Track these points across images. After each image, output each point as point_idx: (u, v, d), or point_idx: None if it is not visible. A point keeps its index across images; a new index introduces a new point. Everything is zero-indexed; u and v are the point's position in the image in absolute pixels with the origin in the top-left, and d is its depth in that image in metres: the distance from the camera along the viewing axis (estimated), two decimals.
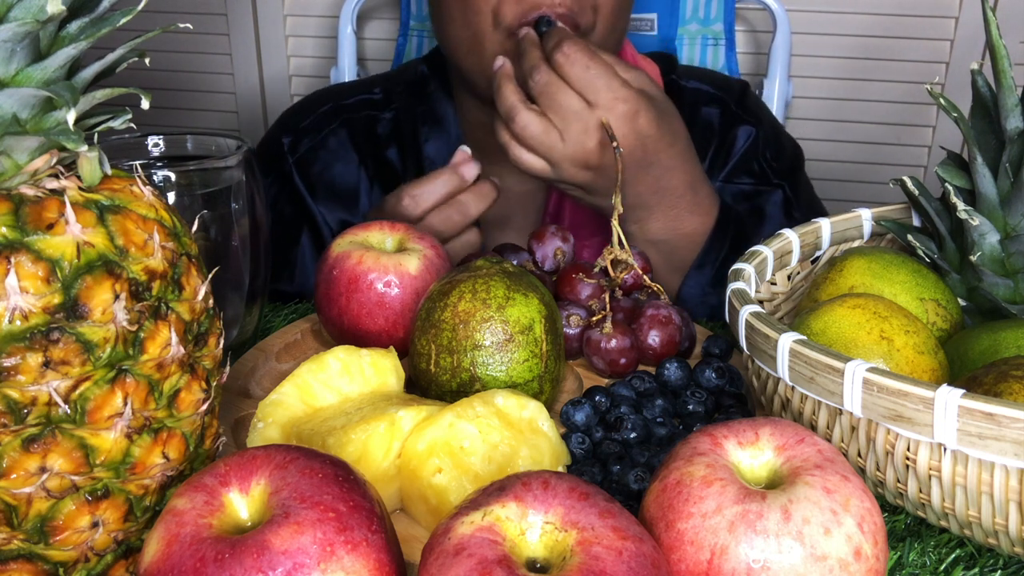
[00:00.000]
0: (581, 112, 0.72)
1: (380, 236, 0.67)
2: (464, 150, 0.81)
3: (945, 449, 0.44)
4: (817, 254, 0.68)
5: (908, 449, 0.45)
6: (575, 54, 0.73)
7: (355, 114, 0.99)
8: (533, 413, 0.51)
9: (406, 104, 0.99)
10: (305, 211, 0.96)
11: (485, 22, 0.82)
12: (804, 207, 0.96)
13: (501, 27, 0.82)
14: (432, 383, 0.56)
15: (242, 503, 0.36)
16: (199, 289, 0.42)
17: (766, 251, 0.63)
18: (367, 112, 0.99)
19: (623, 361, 0.63)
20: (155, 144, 0.67)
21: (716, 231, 0.81)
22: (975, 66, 0.59)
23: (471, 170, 0.80)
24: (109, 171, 0.40)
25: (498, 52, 0.82)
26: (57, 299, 0.36)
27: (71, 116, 0.36)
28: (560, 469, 0.51)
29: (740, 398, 0.59)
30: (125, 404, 0.38)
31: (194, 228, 0.44)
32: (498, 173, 0.96)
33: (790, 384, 0.50)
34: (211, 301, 0.44)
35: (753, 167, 0.97)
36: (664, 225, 0.80)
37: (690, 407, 0.58)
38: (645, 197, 0.78)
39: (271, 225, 0.96)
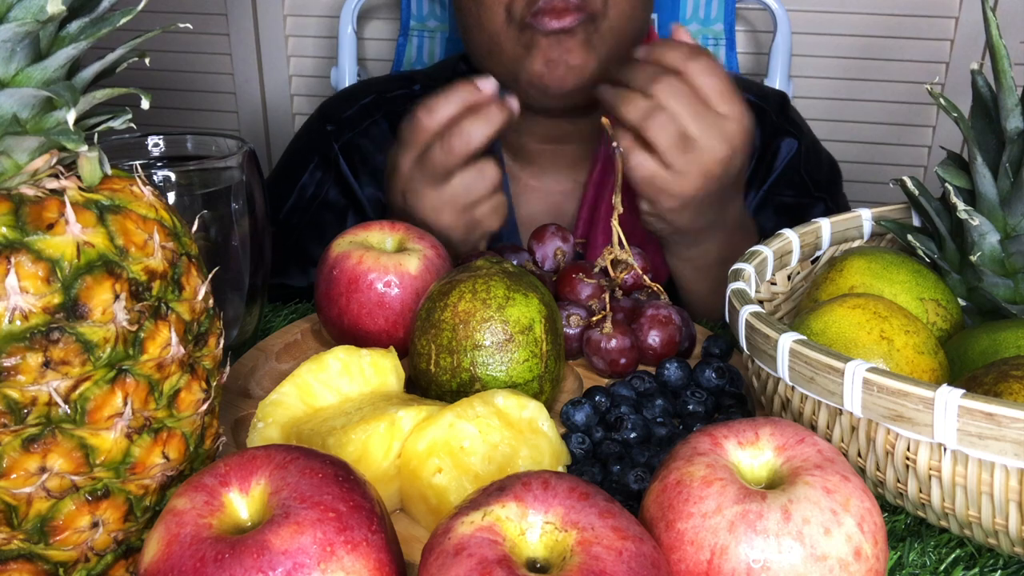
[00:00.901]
0: (707, 113, 0.71)
1: (380, 236, 0.67)
2: (488, 78, 0.77)
3: (945, 449, 0.44)
4: (817, 254, 0.68)
5: (908, 449, 0.45)
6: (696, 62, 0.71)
7: (397, 107, 1.00)
8: (533, 413, 0.51)
9: None
10: (351, 195, 0.98)
11: (499, 20, 0.82)
12: None
13: (514, 22, 0.82)
14: (432, 383, 0.56)
15: (242, 503, 0.36)
16: (199, 289, 0.42)
17: (766, 251, 0.63)
18: (408, 106, 1.00)
19: (623, 361, 0.63)
20: (155, 144, 0.67)
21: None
22: (975, 66, 0.59)
23: (488, 84, 0.76)
24: (109, 171, 0.40)
25: (515, 48, 0.82)
26: (57, 299, 0.36)
27: (71, 116, 0.36)
28: (560, 469, 0.51)
29: (740, 398, 0.59)
30: (125, 404, 0.38)
31: (194, 228, 0.44)
32: (534, 174, 0.96)
33: (790, 384, 0.50)
34: (211, 301, 0.44)
35: (795, 180, 0.97)
36: (721, 250, 0.81)
37: (690, 407, 0.58)
38: (716, 221, 0.78)
39: (317, 210, 0.96)
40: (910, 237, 0.63)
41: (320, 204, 0.97)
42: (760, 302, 0.64)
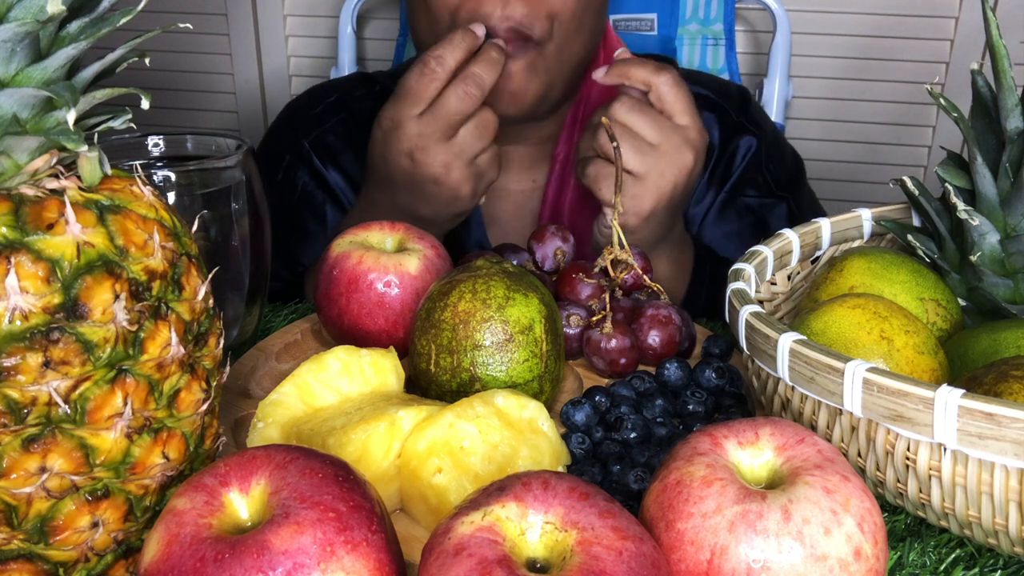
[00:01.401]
0: (669, 126, 0.73)
1: (380, 236, 0.67)
2: (479, 24, 0.78)
3: (945, 449, 0.44)
4: (817, 254, 0.68)
5: (908, 449, 0.45)
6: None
7: (360, 105, 1.00)
8: (533, 413, 0.51)
9: None
10: (327, 187, 0.98)
11: (444, 29, 0.82)
12: (810, 218, 0.96)
13: None
14: (432, 383, 0.56)
15: (242, 503, 0.36)
16: (199, 289, 0.42)
17: (766, 251, 0.63)
18: (371, 104, 1.00)
19: (623, 361, 0.63)
20: (155, 144, 0.67)
21: (696, 272, 0.85)
22: (975, 66, 0.59)
23: (479, 27, 0.77)
24: (109, 171, 0.40)
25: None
26: (57, 299, 0.36)
27: (71, 116, 0.36)
28: (560, 469, 0.51)
29: (740, 398, 0.59)
30: (125, 404, 0.38)
31: (194, 228, 0.44)
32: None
33: (790, 384, 0.50)
34: (211, 301, 0.44)
35: (757, 179, 0.97)
36: (670, 264, 0.83)
37: (690, 407, 0.58)
38: (667, 236, 0.79)
39: (296, 206, 0.96)
40: (910, 237, 0.63)
41: (299, 200, 0.98)
42: (760, 302, 0.64)
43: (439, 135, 0.74)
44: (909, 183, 0.62)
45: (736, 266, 0.60)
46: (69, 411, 0.37)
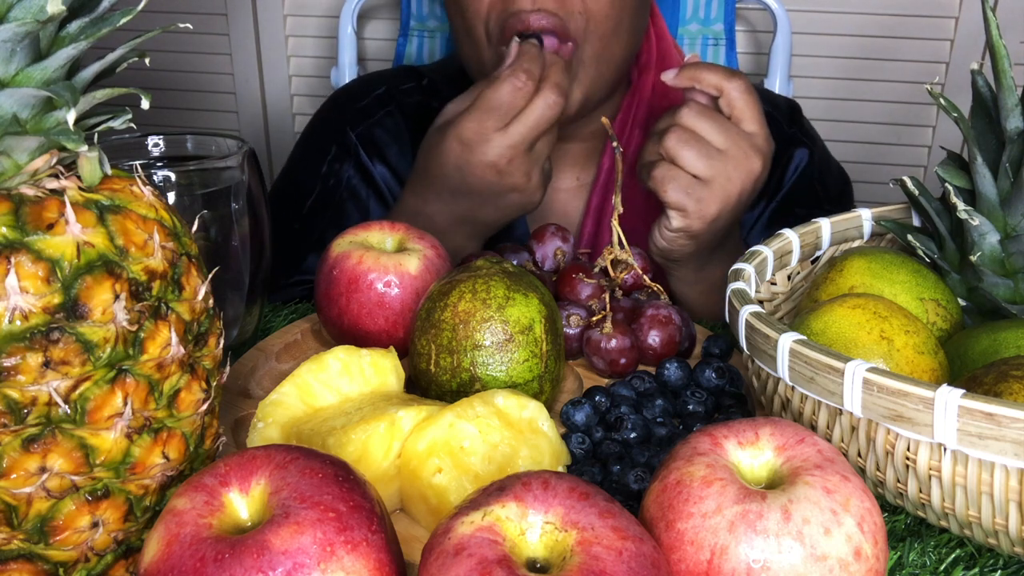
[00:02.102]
0: (732, 133, 0.73)
1: (380, 236, 0.67)
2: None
3: (945, 449, 0.44)
4: (817, 254, 0.68)
5: (908, 449, 0.45)
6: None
7: (408, 98, 1.00)
8: (533, 413, 0.51)
9: (452, 95, 0.99)
10: (372, 182, 0.98)
11: (481, 41, 0.82)
12: None
13: (492, 43, 0.82)
14: (432, 383, 0.56)
15: (242, 503, 0.36)
16: (199, 289, 0.42)
17: (766, 251, 0.63)
18: (418, 98, 1.00)
19: (623, 361, 0.63)
20: (155, 144, 0.67)
21: None
22: (975, 66, 0.59)
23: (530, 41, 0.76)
24: (109, 171, 0.40)
25: (495, 69, 0.82)
26: (57, 299, 0.36)
27: (71, 116, 0.36)
28: (560, 469, 0.51)
29: (740, 398, 0.59)
30: (125, 404, 0.38)
31: (194, 228, 0.44)
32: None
33: (790, 384, 0.50)
34: (211, 301, 0.44)
35: (807, 192, 0.96)
36: (726, 271, 0.82)
37: (690, 407, 0.58)
38: (725, 243, 0.79)
39: (341, 200, 0.96)
40: (910, 237, 0.63)
41: (343, 194, 0.97)
42: (760, 302, 0.64)
43: (526, 145, 0.74)
44: (909, 183, 0.62)
45: (736, 266, 0.60)
46: (69, 411, 0.37)
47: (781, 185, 0.97)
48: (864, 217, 0.68)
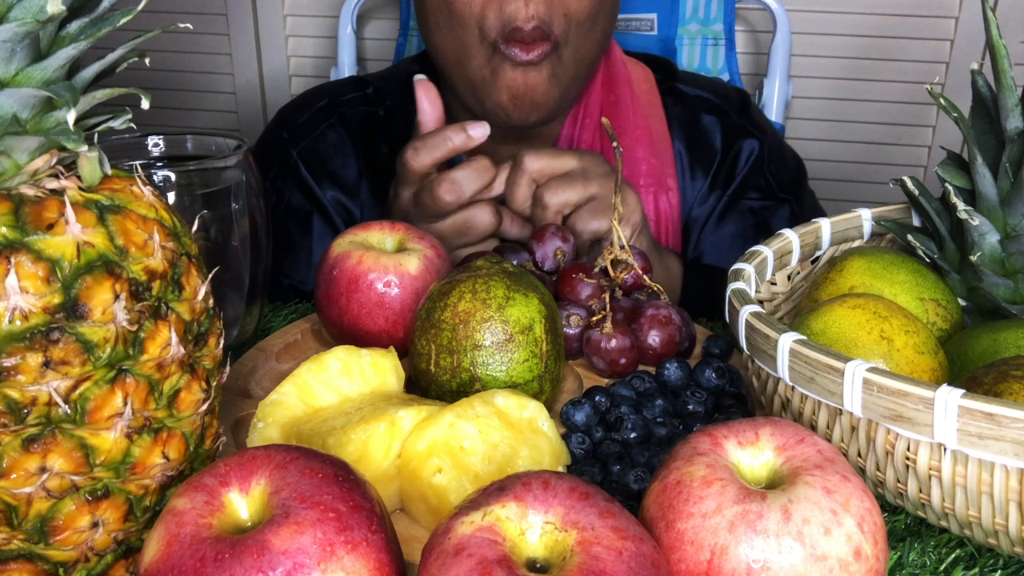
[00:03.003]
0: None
1: (380, 236, 0.67)
2: (481, 124, 0.78)
3: (945, 449, 0.44)
4: (817, 254, 0.68)
5: (908, 449, 0.45)
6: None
7: (351, 109, 1.00)
8: (533, 413, 0.51)
9: (399, 102, 0.99)
10: (314, 200, 0.97)
11: (471, 34, 0.82)
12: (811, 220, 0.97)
13: (486, 42, 0.81)
14: (432, 383, 0.56)
15: (242, 503, 0.36)
16: (199, 289, 0.42)
17: (766, 251, 0.63)
18: (363, 107, 1.00)
19: (623, 361, 0.63)
20: (155, 144, 0.67)
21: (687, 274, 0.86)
22: (975, 66, 0.59)
23: (478, 130, 0.76)
24: (109, 171, 0.40)
25: (484, 64, 0.83)
26: (57, 299, 0.36)
27: (71, 116, 0.36)
28: (560, 469, 0.51)
29: (740, 398, 0.59)
30: (125, 404, 0.38)
31: (194, 228, 0.44)
32: None
33: (790, 384, 0.50)
34: (211, 301, 0.44)
35: (759, 182, 0.97)
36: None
37: (690, 407, 0.58)
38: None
39: (282, 218, 0.96)
40: (910, 237, 0.63)
41: (284, 211, 0.97)
42: (760, 302, 0.64)
43: (424, 217, 0.77)
44: (909, 183, 0.62)
45: (736, 266, 0.60)
46: (69, 411, 0.37)
47: (733, 177, 0.97)
48: (864, 217, 0.68)
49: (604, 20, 0.85)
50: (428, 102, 0.78)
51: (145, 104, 0.39)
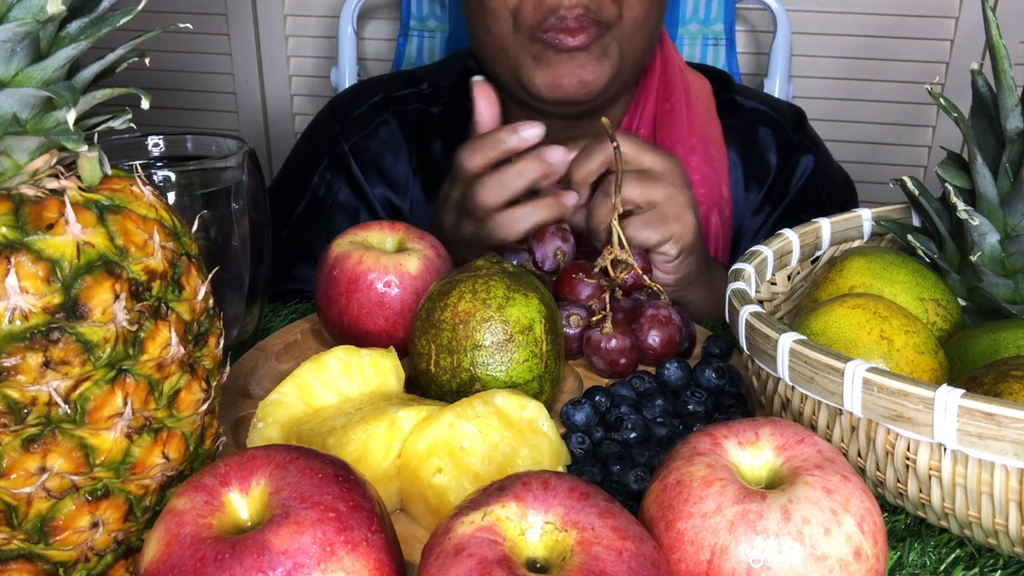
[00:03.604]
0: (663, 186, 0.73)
1: (380, 236, 0.67)
2: (534, 124, 0.76)
3: (945, 449, 0.44)
4: (817, 254, 0.68)
5: (908, 449, 0.45)
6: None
7: (405, 106, 0.99)
8: (533, 413, 0.51)
9: (454, 99, 0.99)
10: (363, 196, 0.98)
11: (506, 26, 0.82)
12: None
13: (522, 29, 0.81)
14: (432, 383, 0.56)
15: (242, 503, 0.36)
16: (199, 289, 0.42)
17: (766, 251, 0.63)
18: (417, 105, 1.00)
19: (623, 361, 0.63)
20: (155, 144, 0.67)
21: None
22: (975, 66, 0.59)
23: (531, 131, 0.75)
24: (109, 171, 0.40)
25: (522, 57, 0.82)
26: (57, 299, 0.36)
27: (71, 116, 0.36)
28: (560, 469, 0.51)
29: (740, 398, 0.59)
30: (125, 404, 0.38)
31: (194, 228, 0.44)
32: None
33: (790, 384, 0.50)
34: (211, 301, 0.44)
35: (813, 197, 0.97)
36: (705, 298, 0.82)
37: (690, 407, 0.58)
38: (700, 277, 0.79)
39: (329, 212, 0.96)
40: (910, 237, 0.63)
41: (332, 205, 0.97)
42: (760, 302, 0.64)
43: (469, 217, 0.77)
44: (909, 183, 0.62)
45: (736, 266, 0.60)
46: (69, 411, 0.37)
47: (787, 192, 0.97)
48: (864, 217, 0.68)
49: (656, 13, 0.86)
50: (485, 103, 0.78)
51: (145, 104, 0.39)
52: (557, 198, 0.75)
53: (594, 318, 0.65)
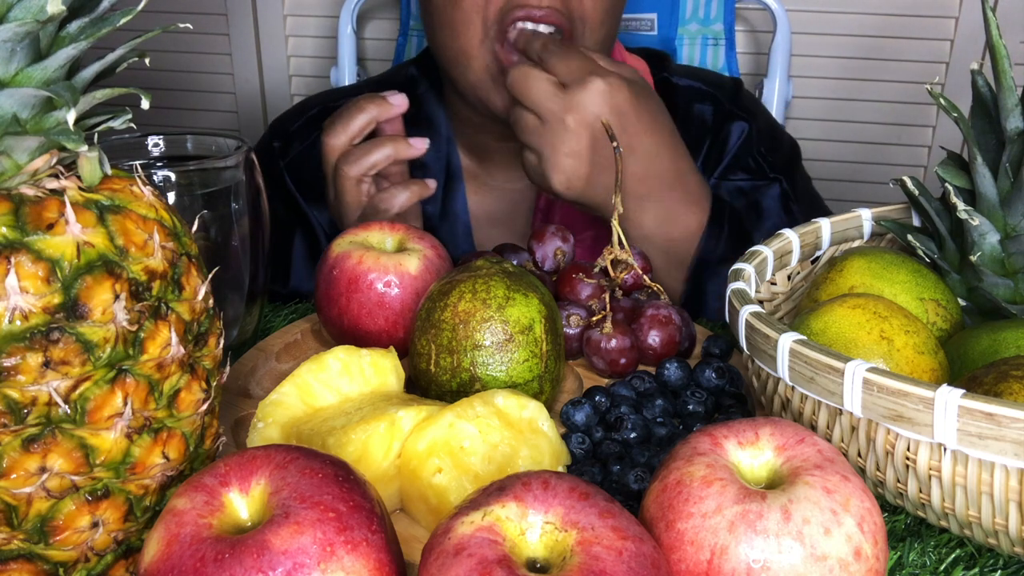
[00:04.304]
0: (555, 95, 0.72)
1: (380, 236, 0.67)
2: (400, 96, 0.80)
3: (945, 449, 0.44)
4: (817, 254, 0.68)
5: (908, 449, 0.45)
6: (552, 45, 0.74)
7: None
8: (533, 413, 0.51)
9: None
10: (298, 212, 0.97)
11: (475, 33, 0.82)
12: (804, 201, 0.96)
13: (489, 37, 0.81)
14: (432, 383, 0.56)
15: (242, 503, 0.36)
16: (199, 289, 0.42)
17: (766, 251, 0.63)
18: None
19: (623, 361, 0.63)
20: (155, 144, 0.67)
21: (711, 225, 0.80)
22: (975, 66, 0.59)
23: (396, 97, 0.78)
24: (109, 171, 0.40)
25: (486, 65, 0.82)
26: (57, 299, 0.36)
27: (71, 116, 0.36)
28: (560, 469, 0.51)
29: (740, 398, 0.59)
30: (125, 404, 0.38)
31: (194, 228, 0.44)
32: (489, 171, 0.96)
33: (790, 384, 0.50)
34: (211, 301, 0.44)
35: (748, 163, 0.96)
36: (657, 218, 0.79)
37: (690, 407, 0.58)
38: (632, 185, 0.76)
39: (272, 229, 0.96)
40: (910, 237, 0.63)
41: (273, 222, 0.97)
42: (760, 302, 0.64)
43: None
44: (909, 183, 0.62)
45: (736, 266, 0.60)
46: (69, 411, 0.37)
47: (722, 158, 0.97)
48: (864, 217, 0.68)
49: (610, 21, 0.86)
50: (395, 107, 0.79)
51: (145, 104, 0.39)
52: (403, 139, 0.77)
53: (594, 318, 0.65)
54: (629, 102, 0.74)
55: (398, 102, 0.77)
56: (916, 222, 0.67)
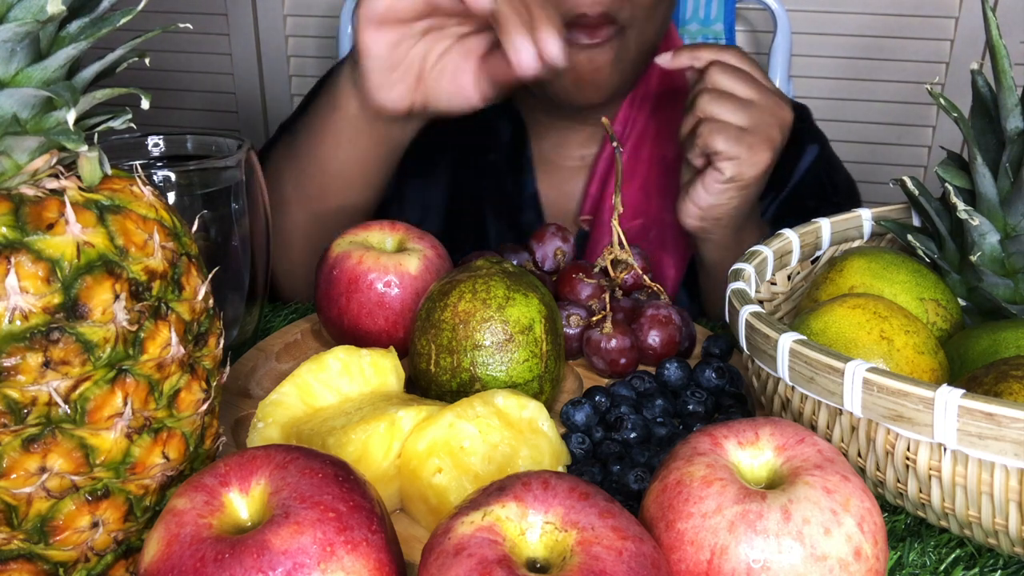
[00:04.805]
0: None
1: (380, 236, 0.67)
2: None
3: (945, 449, 0.44)
4: (817, 254, 0.68)
5: (908, 449, 0.45)
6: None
7: None
8: (533, 413, 0.51)
9: None
10: None
11: None
12: None
13: None
14: (432, 383, 0.56)
15: (242, 503, 0.36)
16: (199, 289, 0.42)
17: (766, 251, 0.63)
18: None
19: (623, 361, 0.63)
20: (155, 144, 0.67)
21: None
22: (975, 66, 0.59)
23: None
24: (109, 171, 0.40)
25: None
26: (57, 299, 0.36)
27: (71, 116, 0.36)
28: (560, 469, 0.51)
29: (740, 398, 0.59)
30: (125, 404, 0.38)
31: (194, 228, 0.44)
32: (548, 147, 0.96)
33: (790, 384, 0.50)
34: (211, 301, 0.44)
35: (816, 185, 0.97)
36: (755, 237, 0.82)
37: (690, 407, 0.58)
38: (745, 207, 0.79)
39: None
40: (910, 237, 0.63)
41: None
42: (760, 302, 0.64)
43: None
44: (909, 183, 0.62)
45: (736, 266, 0.60)
46: (69, 411, 0.37)
47: (790, 178, 0.97)
48: (864, 217, 0.68)
49: (664, 7, 0.86)
50: None
51: (145, 104, 0.39)
52: None
53: (594, 318, 0.65)
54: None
55: None
56: (916, 222, 0.67)
